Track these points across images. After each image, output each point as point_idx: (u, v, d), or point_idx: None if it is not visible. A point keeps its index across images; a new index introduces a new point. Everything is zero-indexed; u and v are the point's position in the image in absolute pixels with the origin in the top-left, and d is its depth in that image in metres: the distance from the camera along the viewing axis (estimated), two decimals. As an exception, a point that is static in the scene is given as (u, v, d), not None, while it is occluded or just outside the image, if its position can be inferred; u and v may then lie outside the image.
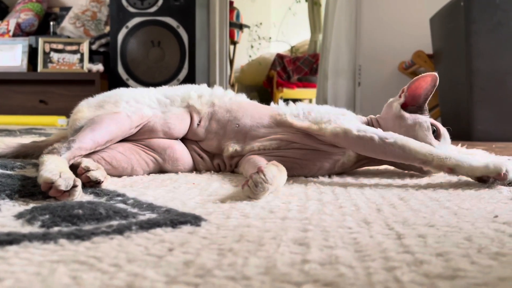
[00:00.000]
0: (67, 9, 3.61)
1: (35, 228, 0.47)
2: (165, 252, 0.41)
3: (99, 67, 3.16)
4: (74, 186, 0.61)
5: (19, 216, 0.52)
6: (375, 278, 0.34)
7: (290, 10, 6.23)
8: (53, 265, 0.37)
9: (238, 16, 4.34)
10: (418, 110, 0.93)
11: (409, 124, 0.90)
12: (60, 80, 3.19)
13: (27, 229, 0.47)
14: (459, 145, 1.56)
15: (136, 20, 3.10)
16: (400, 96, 0.95)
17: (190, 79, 3.09)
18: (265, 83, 5.36)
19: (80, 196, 0.63)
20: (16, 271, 0.35)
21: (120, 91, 0.96)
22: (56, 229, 0.47)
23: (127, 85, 3.00)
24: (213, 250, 0.41)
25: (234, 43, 4.38)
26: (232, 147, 0.91)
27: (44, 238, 0.43)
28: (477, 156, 1.27)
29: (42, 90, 3.22)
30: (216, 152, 0.93)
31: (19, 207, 0.57)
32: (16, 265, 0.36)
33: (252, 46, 6.33)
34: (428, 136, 0.89)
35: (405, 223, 0.52)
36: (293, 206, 0.61)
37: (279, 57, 5.26)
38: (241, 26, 4.37)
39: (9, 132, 1.95)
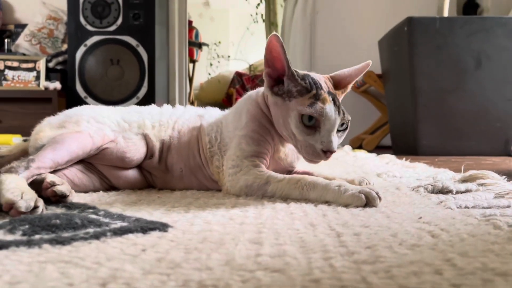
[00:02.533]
0: (22, 26, 3.57)
1: (17, 237, 0.52)
2: (139, 252, 0.47)
3: (56, 85, 3.14)
4: (36, 207, 0.64)
5: (-1, 227, 0.57)
6: (314, 265, 0.43)
7: (248, 30, 6.41)
8: (41, 264, 0.42)
9: (197, 35, 4.43)
10: (290, 80, 0.84)
11: (278, 109, 0.86)
12: (15, 98, 3.14)
13: (10, 237, 0.52)
14: (403, 159, 1.70)
15: (95, 39, 3.12)
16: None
17: (149, 97, 3.13)
18: (224, 100, 5.45)
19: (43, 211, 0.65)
20: (10, 269, 0.41)
21: (80, 110, 0.97)
22: (37, 236, 0.52)
23: (85, 103, 3.00)
24: (180, 249, 0.48)
25: (193, 61, 4.46)
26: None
27: (29, 243, 0.48)
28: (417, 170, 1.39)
29: (-4, 108, 3.16)
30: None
31: (-3, 220, 0.61)
32: (8, 265, 0.42)
33: (211, 64, 6.44)
34: (298, 128, 0.82)
35: (345, 224, 0.61)
36: (250, 213, 0.69)
37: (238, 75, 5.39)
38: (200, 45, 4.45)
39: (-37, 151, 1.92)
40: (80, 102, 3.06)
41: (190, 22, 4.22)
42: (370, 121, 3.58)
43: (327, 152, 0.81)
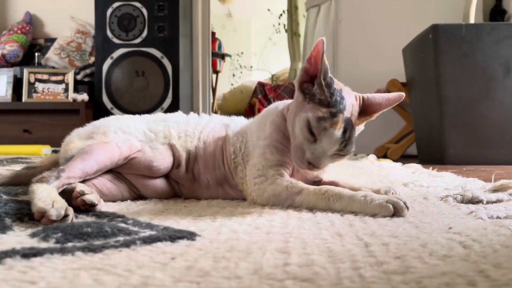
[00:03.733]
0: (52, 40, 3.68)
1: (51, 244, 0.54)
2: (168, 260, 0.48)
3: (84, 96, 3.22)
4: (66, 215, 0.66)
5: (33, 235, 0.58)
6: (343, 275, 0.42)
7: (270, 40, 6.45)
8: (75, 271, 0.43)
9: (220, 46, 4.49)
10: (318, 87, 0.82)
11: (296, 104, 0.86)
12: (44, 109, 3.23)
13: (44, 245, 0.53)
14: (430, 168, 1.67)
15: (121, 51, 3.20)
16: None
17: (174, 107, 3.18)
18: (247, 110, 5.47)
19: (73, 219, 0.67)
20: (45, 276, 0.42)
21: (107, 121, 1.00)
22: (70, 244, 0.53)
23: (111, 114, 3.07)
24: (208, 258, 0.49)
25: (216, 72, 4.51)
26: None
27: (62, 251, 0.50)
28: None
29: (26, 120, 3.26)
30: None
31: (31, 228, 0.63)
32: (44, 271, 0.43)
33: (233, 75, 6.49)
34: (301, 129, 0.82)
35: (373, 234, 0.61)
36: (276, 223, 0.69)
37: (260, 85, 5.41)
38: (223, 56, 4.50)
39: (-4, 162, 1.99)
40: (107, 113, 3.13)
41: (213, 34, 4.28)
42: (395, 130, 3.54)
43: (310, 165, 0.80)
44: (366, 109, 0.86)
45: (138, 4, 3.20)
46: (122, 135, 0.94)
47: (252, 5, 6.38)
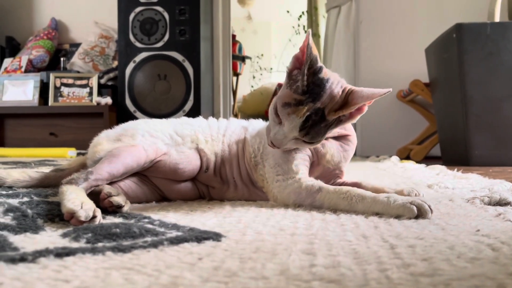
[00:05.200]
0: (76, 45, 3.77)
1: (82, 244, 0.55)
2: (195, 260, 0.49)
3: (108, 100, 3.29)
4: (94, 216, 0.67)
5: (64, 235, 0.60)
6: (370, 276, 0.43)
7: (290, 42, 6.44)
8: (106, 270, 0.45)
9: (240, 49, 4.51)
10: (300, 72, 0.83)
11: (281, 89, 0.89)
12: (70, 113, 3.31)
13: (75, 245, 0.55)
14: (455, 169, 1.64)
15: (143, 55, 3.25)
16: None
17: (195, 110, 3.21)
18: (267, 112, 5.48)
19: (100, 220, 0.69)
20: (79, 275, 0.43)
21: (135, 124, 1.02)
22: (100, 244, 0.55)
23: (134, 117, 3.11)
24: (235, 259, 0.50)
25: (236, 74, 4.53)
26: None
27: (93, 251, 0.51)
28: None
29: (53, 123, 3.34)
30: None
31: (62, 228, 0.65)
32: (77, 270, 0.45)
33: (254, 77, 6.51)
34: (271, 112, 0.86)
35: (398, 236, 0.60)
36: (300, 224, 0.69)
37: (280, 86, 5.41)
38: (243, 58, 4.53)
39: (24, 164, 2.04)
40: (130, 116, 3.18)
41: (233, 36, 4.30)
42: (418, 131, 3.49)
43: (272, 143, 0.86)
44: (349, 100, 0.83)
45: (160, 8, 3.25)
46: (150, 139, 0.96)
47: (271, 7, 6.39)
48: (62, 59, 3.58)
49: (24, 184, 1.01)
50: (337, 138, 0.97)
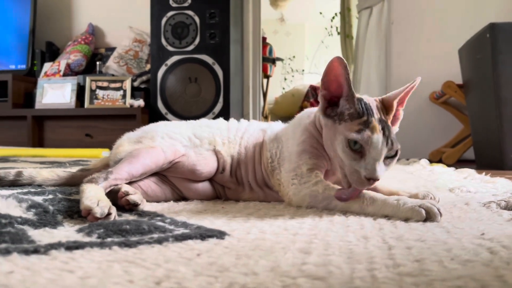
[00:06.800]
0: (112, 49, 3.90)
1: (93, 239, 0.59)
2: (194, 256, 0.51)
3: (140, 102, 3.38)
4: (109, 213, 0.71)
5: (80, 230, 0.64)
6: (356, 275, 0.44)
7: (323, 43, 6.41)
8: (109, 263, 0.48)
9: (271, 51, 4.53)
10: (346, 101, 0.85)
11: (328, 131, 0.88)
12: (104, 115, 3.43)
13: (87, 239, 0.59)
14: (483, 173, 1.60)
15: (174, 58, 3.33)
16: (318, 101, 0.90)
17: (225, 112, 3.26)
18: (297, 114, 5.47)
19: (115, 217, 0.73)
20: (83, 266, 0.47)
21: (156, 127, 1.06)
22: (109, 239, 0.58)
23: (166, 119, 3.20)
24: (232, 255, 0.52)
25: (267, 76, 4.56)
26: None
27: (101, 245, 0.55)
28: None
29: (88, 125, 3.47)
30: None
31: (79, 224, 0.69)
32: (82, 262, 0.48)
33: (285, 79, 6.52)
34: (344, 152, 0.82)
35: (399, 238, 0.61)
36: (306, 225, 0.71)
37: (312, 88, 5.40)
38: (273, 61, 4.54)
39: (59, 164, 2.14)
40: (162, 118, 3.27)
41: (264, 39, 4.33)
42: (451, 133, 3.41)
43: (370, 180, 0.79)
44: (387, 105, 0.87)
45: (190, 13, 3.32)
46: (169, 141, 1.00)
47: (304, 9, 6.39)
48: (98, 63, 3.71)
49: (52, 183, 1.07)
50: None
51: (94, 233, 0.61)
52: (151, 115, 3.35)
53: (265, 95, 4.60)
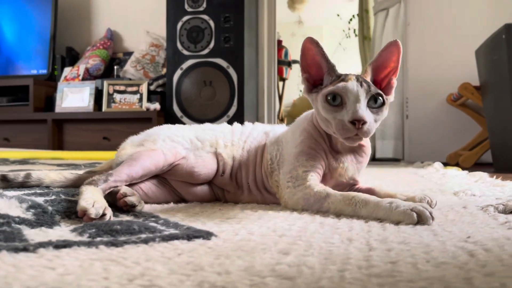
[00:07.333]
0: (129, 53, 3.98)
1: (83, 238, 0.61)
2: (175, 255, 0.53)
3: (156, 106, 3.44)
4: (104, 214, 0.74)
5: (74, 230, 0.67)
6: (325, 275, 0.45)
7: (340, 45, 6.38)
8: (92, 261, 0.50)
9: (286, 54, 4.54)
10: (329, 74, 0.91)
11: (315, 105, 0.93)
12: (121, 118, 3.49)
13: (78, 238, 0.61)
14: (494, 176, 1.57)
15: (190, 62, 3.37)
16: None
17: (239, 115, 3.28)
18: (314, 117, 5.46)
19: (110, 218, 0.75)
20: (66, 264, 0.49)
21: (158, 130, 1.08)
22: (98, 239, 0.61)
23: (181, 122, 3.24)
24: (212, 256, 0.53)
25: (283, 79, 4.56)
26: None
27: (89, 244, 0.57)
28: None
29: (106, 128, 3.54)
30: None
31: (75, 224, 0.72)
32: (66, 260, 0.50)
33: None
34: (325, 108, 0.87)
35: (383, 241, 0.61)
36: (295, 227, 0.72)
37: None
38: (289, 64, 4.55)
39: (75, 166, 2.20)
40: (177, 121, 3.31)
41: (279, 42, 4.34)
42: (470, 136, 3.35)
43: (355, 123, 0.82)
44: (377, 70, 0.93)
45: (205, 17, 3.36)
46: (170, 143, 1.01)
47: (322, 12, 6.37)
48: (115, 67, 3.79)
49: (60, 184, 1.10)
50: (353, 149, 0.97)
51: (86, 232, 0.64)
52: (167, 118, 3.40)
53: (281, 98, 4.61)
